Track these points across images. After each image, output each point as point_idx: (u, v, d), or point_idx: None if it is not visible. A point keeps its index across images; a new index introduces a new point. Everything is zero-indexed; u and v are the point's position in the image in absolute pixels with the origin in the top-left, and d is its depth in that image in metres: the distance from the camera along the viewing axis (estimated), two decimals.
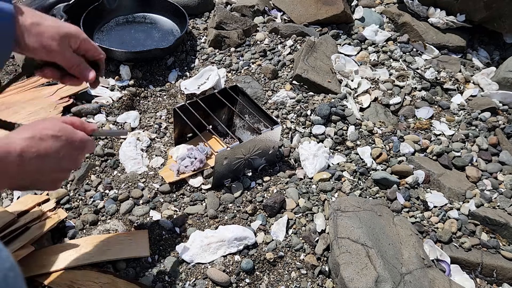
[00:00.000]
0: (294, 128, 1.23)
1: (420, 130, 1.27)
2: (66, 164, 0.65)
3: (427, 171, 1.14)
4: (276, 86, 1.34)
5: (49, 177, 0.64)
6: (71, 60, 0.72)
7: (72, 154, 0.65)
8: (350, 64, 1.43)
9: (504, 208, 1.08)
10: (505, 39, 1.60)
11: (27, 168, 0.59)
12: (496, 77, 1.43)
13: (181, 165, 1.07)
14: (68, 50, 0.71)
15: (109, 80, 1.32)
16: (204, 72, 1.34)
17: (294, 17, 1.60)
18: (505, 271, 0.97)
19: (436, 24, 1.56)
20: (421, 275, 0.88)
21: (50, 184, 0.66)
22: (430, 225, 1.04)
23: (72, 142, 0.64)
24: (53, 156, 0.61)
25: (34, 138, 0.60)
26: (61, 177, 0.67)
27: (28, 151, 0.58)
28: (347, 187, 1.08)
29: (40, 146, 0.60)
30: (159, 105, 1.30)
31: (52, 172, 0.63)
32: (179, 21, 1.53)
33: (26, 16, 0.66)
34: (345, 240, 0.90)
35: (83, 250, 0.89)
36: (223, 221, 0.99)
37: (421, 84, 1.40)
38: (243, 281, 0.89)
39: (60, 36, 0.68)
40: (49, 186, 0.67)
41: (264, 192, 1.06)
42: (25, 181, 0.61)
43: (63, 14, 1.36)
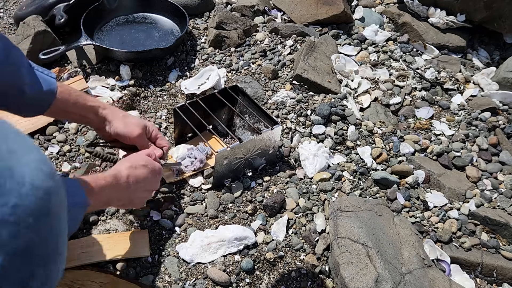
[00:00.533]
0: (294, 128, 1.23)
1: (420, 130, 1.27)
2: (150, 186, 0.86)
3: (427, 171, 1.14)
4: (276, 86, 1.34)
5: (140, 196, 0.85)
6: (146, 143, 0.97)
7: (154, 178, 0.86)
8: (350, 64, 1.43)
9: (504, 208, 1.08)
10: (505, 39, 1.60)
11: (130, 190, 0.79)
12: (496, 77, 1.43)
13: (182, 164, 1.07)
14: (145, 136, 0.96)
15: (109, 80, 1.32)
16: (204, 72, 1.34)
17: (294, 17, 1.60)
18: (505, 271, 0.97)
19: (436, 24, 1.56)
20: (421, 275, 0.88)
21: (140, 202, 0.87)
22: (430, 225, 1.04)
23: (154, 169, 0.86)
24: (143, 180, 0.82)
25: (132, 167, 0.81)
26: (148, 196, 0.88)
27: (131, 176, 0.79)
28: (347, 187, 1.08)
29: (137, 173, 0.81)
30: (159, 105, 1.30)
31: (143, 192, 0.85)
32: (179, 21, 1.53)
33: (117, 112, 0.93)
34: (345, 240, 0.90)
35: (83, 250, 0.89)
36: (223, 221, 0.99)
37: (421, 84, 1.40)
38: (243, 281, 0.89)
39: (142, 126, 0.94)
40: (139, 204, 0.87)
41: (264, 192, 1.06)
42: (126, 200, 0.81)
43: (63, 14, 1.36)
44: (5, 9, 1.67)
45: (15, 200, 0.34)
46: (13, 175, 0.34)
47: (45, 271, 0.37)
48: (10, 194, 0.34)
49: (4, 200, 0.33)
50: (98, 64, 1.38)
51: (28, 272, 0.35)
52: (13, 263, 0.33)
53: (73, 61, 1.38)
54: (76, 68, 1.35)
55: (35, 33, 1.31)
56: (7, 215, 0.33)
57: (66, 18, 1.36)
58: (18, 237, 0.33)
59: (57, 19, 1.36)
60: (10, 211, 0.33)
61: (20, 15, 1.43)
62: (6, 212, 0.33)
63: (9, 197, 0.33)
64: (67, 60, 1.39)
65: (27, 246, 0.34)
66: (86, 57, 1.38)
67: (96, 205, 0.73)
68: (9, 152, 0.35)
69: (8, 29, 1.57)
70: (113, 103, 1.25)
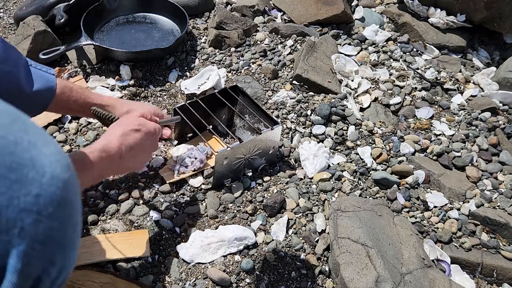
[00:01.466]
0: (294, 128, 1.23)
1: (420, 130, 1.27)
2: (148, 148, 0.84)
3: (427, 171, 1.13)
4: (276, 86, 1.34)
5: (138, 161, 0.83)
6: None
7: (150, 140, 0.83)
8: (350, 64, 1.43)
9: (504, 208, 1.08)
10: (505, 39, 1.60)
11: (124, 158, 0.77)
12: (496, 77, 1.43)
13: (181, 165, 1.07)
14: None
15: (109, 80, 1.32)
16: (204, 72, 1.34)
17: (294, 17, 1.60)
18: (505, 271, 0.97)
19: (436, 24, 1.56)
20: (421, 275, 0.88)
21: (139, 165, 0.86)
22: (430, 225, 1.04)
23: (148, 131, 0.82)
24: (138, 145, 0.80)
25: (123, 135, 0.78)
26: (147, 158, 0.87)
27: (122, 145, 0.76)
28: (347, 187, 1.08)
29: (129, 140, 0.78)
30: (159, 105, 1.30)
31: (140, 156, 0.83)
32: (179, 21, 1.53)
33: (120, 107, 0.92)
34: (345, 240, 0.90)
35: (83, 250, 0.89)
36: (223, 221, 0.99)
37: (421, 84, 1.40)
38: (243, 281, 0.89)
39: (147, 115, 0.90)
40: (139, 167, 0.91)
41: (264, 192, 1.06)
42: (123, 166, 0.80)
43: (63, 14, 1.36)
44: (5, 9, 1.67)
45: (37, 190, 0.35)
46: (35, 165, 0.36)
47: (63, 259, 0.38)
48: (32, 184, 0.35)
49: (27, 190, 0.34)
50: (98, 64, 1.38)
51: (48, 259, 0.37)
52: (35, 250, 0.35)
53: (73, 61, 1.38)
54: (76, 68, 1.35)
55: (35, 33, 1.31)
56: (30, 204, 0.34)
57: (66, 18, 1.35)
58: (39, 225, 0.35)
59: (57, 19, 1.36)
60: (33, 200, 0.34)
61: (20, 15, 1.43)
62: (29, 201, 0.34)
63: (32, 187, 0.35)
64: (67, 60, 1.39)
65: (47, 234, 0.36)
66: (86, 57, 1.38)
67: (88, 179, 0.71)
68: (30, 143, 0.36)
69: (8, 29, 1.56)
70: None
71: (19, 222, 0.34)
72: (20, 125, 0.37)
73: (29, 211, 0.34)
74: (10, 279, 0.34)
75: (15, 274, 0.34)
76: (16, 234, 0.34)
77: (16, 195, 0.34)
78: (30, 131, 0.37)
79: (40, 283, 0.37)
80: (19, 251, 0.34)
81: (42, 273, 0.36)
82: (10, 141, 0.35)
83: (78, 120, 1.20)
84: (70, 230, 0.38)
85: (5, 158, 0.34)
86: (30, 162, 0.35)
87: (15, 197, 0.34)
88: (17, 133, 0.36)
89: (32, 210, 0.34)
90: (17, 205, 0.34)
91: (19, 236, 0.34)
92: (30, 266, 0.35)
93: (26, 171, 0.35)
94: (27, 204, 0.34)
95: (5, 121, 0.36)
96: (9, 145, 0.35)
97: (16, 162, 0.35)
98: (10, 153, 0.34)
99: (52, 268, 0.37)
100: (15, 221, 0.33)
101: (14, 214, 0.33)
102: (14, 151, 0.35)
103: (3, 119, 0.36)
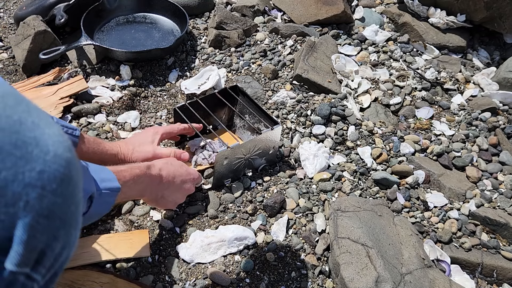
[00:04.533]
0: (294, 128, 1.23)
1: (420, 130, 1.27)
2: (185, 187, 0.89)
3: (427, 171, 1.13)
4: (276, 86, 1.34)
5: (173, 195, 0.87)
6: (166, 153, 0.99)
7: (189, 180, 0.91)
8: (350, 64, 1.43)
9: (504, 208, 1.08)
10: (506, 39, 1.60)
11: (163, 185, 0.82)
12: (497, 77, 1.43)
13: (199, 157, 1.07)
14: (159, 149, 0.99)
15: (109, 80, 1.32)
16: (204, 72, 1.34)
17: (294, 17, 1.60)
18: (505, 271, 0.97)
19: (437, 24, 1.56)
20: (421, 275, 0.88)
21: (172, 202, 0.90)
22: (430, 225, 1.04)
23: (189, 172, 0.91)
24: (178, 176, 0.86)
25: (167, 163, 0.85)
26: (181, 199, 0.92)
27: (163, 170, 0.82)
28: (347, 187, 1.08)
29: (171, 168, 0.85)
30: (159, 105, 1.30)
31: (176, 191, 0.87)
32: (179, 21, 1.53)
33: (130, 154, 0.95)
34: (345, 240, 0.90)
35: (83, 250, 0.89)
36: (223, 221, 0.99)
37: (421, 84, 1.40)
38: (243, 281, 0.89)
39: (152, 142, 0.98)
40: (171, 204, 0.90)
41: (264, 192, 1.06)
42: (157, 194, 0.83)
43: (63, 14, 1.36)
44: (5, 9, 1.67)
45: (41, 167, 0.37)
46: (39, 144, 0.37)
47: (65, 236, 0.40)
48: (36, 161, 0.37)
49: (32, 166, 0.36)
50: (98, 64, 1.38)
51: (52, 234, 0.38)
52: (40, 223, 0.37)
53: (73, 61, 1.38)
54: (76, 68, 1.35)
55: (35, 33, 1.31)
56: (35, 179, 0.36)
57: (66, 18, 1.35)
58: (44, 200, 0.37)
59: (57, 19, 1.36)
60: (37, 176, 0.36)
61: (20, 15, 1.43)
62: (34, 176, 0.36)
63: (36, 163, 0.37)
64: (67, 60, 1.39)
65: (51, 209, 0.38)
66: (86, 57, 1.38)
67: (128, 192, 0.74)
68: (34, 124, 0.38)
69: (8, 29, 1.56)
70: (113, 103, 1.25)
71: (24, 196, 0.36)
72: (24, 107, 0.39)
73: (33, 186, 0.36)
74: (17, 250, 0.35)
75: (21, 245, 0.36)
76: (22, 207, 0.35)
77: (21, 170, 0.36)
78: (33, 113, 0.39)
79: (44, 256, 0.38)
80: (25, 223, 0.36)
81: (46, 247, 0.38)
82: (15, 120, 0.37)
83: (78, 120, 1.20)
84: (72, 207, 0.40)
85: (11, 136, 0.36)
86: (34, 141, 0.37)
87: (20, 172, 0.36)
88: (21, 114, 0.38)
89: (36, 185, 0.36)
90: (22, 180, 0.36)
91: (24, 209, 0.36)
92: (35, 238, 0.37)
93: (31, 149, 0.37)
94: (31, 179, 0.36)
95: (11, 102, 0.38)
96: (15, 124, 0.37)
97: (21, 140, 0.36)
98: (15, 132, 0.36)
99: (55, 243, 0.39)
100: (21, 195, 0.35)
101: (20, 188, 0.35)
102: (19, 130, 0.37)
103: (8, 100, 0.38)
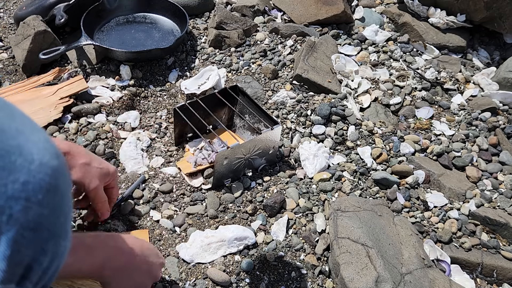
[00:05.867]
0: (294, 128, 1.23)
1: (420, 130, 1.27)
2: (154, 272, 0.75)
3: (427, 171, 1.13)
4: (276, 86, 1.34)
5: (139, 279, 0.71)
6: (101, 196, 0.83)
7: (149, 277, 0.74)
8: (350, 64, 1.43)
9: (504, 208, 1.08)
10: (506, 39, 1.60)
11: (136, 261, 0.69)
12: (497, 77, 1.43)
13: (198, 157, 1.08)
14: (102, 189, 0.83)
15: (109, 80, 1.32)
16: (204, 72, 1.34)
17: (294, 17, 1.60)
18: (505, 271, 0.97)
19: (437, 24, 1.56)
20: (421, 275, 0.88)
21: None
22: (430, 225, 1.04)
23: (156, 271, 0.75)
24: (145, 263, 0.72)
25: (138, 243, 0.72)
26: (146, 286, 0.74)
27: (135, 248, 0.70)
28: (347, 187, 1.08)
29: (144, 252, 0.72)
30: (159, 105, 1.30)
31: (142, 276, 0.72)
32: (179, 21, 1.53)
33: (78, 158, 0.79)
34: (345, 240, 0.90)
35: None
36: (223, 221, 0.99)
37: (421, 84, 1.40)
38: (243, 281, 0.89)
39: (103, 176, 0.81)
40: None
41: (264, 192, 1.06)
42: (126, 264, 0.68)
43: (63, 14, 1.36)
44: (5, 9, 1.67)
45: (25, 177, 0.35)
46: (22, 152, 0.35)
47: (54, 247, 0.38)
48: (20, 171, 0.35)
49: (15, 177, 0.34)
50: (98, 64, 1.38)
51: (40, 246, 0.37)
52: (25, 237, 0.35)
53: (73, 61, 1.38)
54: (76, 68, 1.35)
55: (35, 33, 1.30)
56: (18, 191, 0.34)
57: (66, 18, 1.35)
58: (29, 212, 0.35)
59: (57, 19, 1.36)
60: (21, 187, 0.34)
61: (20, 15, 1.43)
62: (17, 188, 0.34)
63: (20, 173, 0.35)
64: (67, 60, 1.39)
65: (37, 221, 0.36)
66: (86, 57, 1.38)
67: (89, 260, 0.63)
68: (18, 131, 0.36)
69: (8, 29, 1.56)
70: (113, 103, 1.25)
71: (7, 209, 0.34)
72: (7, 112, 0.37)
73: (17, 198, 0.34)
74: (0, 266, 0.34)
75: (4, 261, 0.34)
76: (5, 221, 0.34)
77: (3, 182, 0.34)
78: (17, 119, 0.38)
79: (31, 271, 0.37)
80: (8, 238, 0.34)
81: (33, 261, 0.36)
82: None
83: (78, 120, 1.20)
84: (61, 218, 0.38)
85: None
86: (17, 149, 0.35)
87: (2, 184, 0.34)
88: (4, 120, 0.36)
89: (20, 196, 0.34)
90: (5, 192, 0.34)
91: (8, 223, 0.34)
92: (20, 253, 0.35)
93: (14, 158, 0.35)
94: (15, 191, 0.34)
95: None
96: None
97: (3, 149, 0.35)
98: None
99: (43, 257, 0.37)
100: (3, 208, 0.34)
101: (2, 201, 0.34)
102: (1, 139, 0.35)
103: None
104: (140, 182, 1.05)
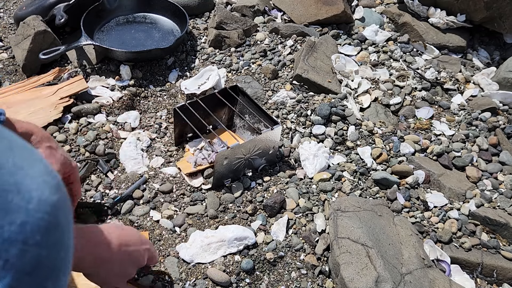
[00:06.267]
0: (294, 128, 1.23)
1: (420, 130, 1.27)
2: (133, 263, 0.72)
3: (427, 171, 1.13)
4: (276, 86, 1.34)
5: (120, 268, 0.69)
6: None
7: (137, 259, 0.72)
8: (350, 64, 1.43)
9: (504, 208, 1.08)
10: (506, 39, 1.60)
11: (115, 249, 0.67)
12: (497, 77, 1.43)
13: (198, 157, 1.08)
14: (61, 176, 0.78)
15: (109, 80, 1.32)
16: (204, 72, 1.34)
17: (294, 17, 1.60)
18: (505, 271, 0.97)
19: (437, 24, 1.56)
20: (421, 275, 0.88)
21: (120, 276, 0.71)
22: (430, 225, 1.04)
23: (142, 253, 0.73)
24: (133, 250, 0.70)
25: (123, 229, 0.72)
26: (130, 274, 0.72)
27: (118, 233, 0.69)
28: (347, 187, 1.08)
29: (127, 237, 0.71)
30: (159, 105, 1.30)
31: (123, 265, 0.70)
32: (179, 21, 1.53)
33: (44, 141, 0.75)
34: (345, 240, 0.90)
35: None
36: (223, 221, 0.99)
37: (421, 84, 1.40)
38: (243, 281, 0.89)
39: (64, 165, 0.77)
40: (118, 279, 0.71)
41: (264, 192, 1.06)
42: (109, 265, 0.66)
43: (63, 14, 1.36)
44: (5, 9, 1.67)
45: (23, 218, 0.33)
46: (20, 190, 0.33)
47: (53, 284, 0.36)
48: (17, 211, 0.32)
49: (12, 218, 0.32)
50: (98, 64, 1.38)
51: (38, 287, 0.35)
52: (22, 281, 0.33)
53: (73, 61, 1.38)
54: (76, 68, 1.35)
55: (35, 33, 1.31)
56: (15, 233, 0.32)
57: (66, 18, 1.35)
58: (26, 256, 0.33)
59: (57, 19, 1.36)
60: (18, 229, 0.32)
61: (20, 15, 1.43)
62: (14, 230, 0.32)
63: (17, 214, 0.32)
64: (67, 60, 1.39)
65: (35, 263, 0.33)
66: (86, 57, 1.38)
67: None
68: (15, 166, 0.34)
69: (8, 29, 1.57)
70: (113, 103, 1.25)
71: (3, 253, 0.31)
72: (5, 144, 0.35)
73: (13, 241, 0.32)
74: None
75: None
76: (1, 266, 0.31)
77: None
78: (16, 151, 0.35)
79: None
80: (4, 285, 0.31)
81: None
82: None
83: (78, 120, 1.20)
84: (62, 253, 0.36)
85: None
86: (14, 187, 0.33)
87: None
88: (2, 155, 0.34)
89: (17, 239, 0.32)
90: (1, 235, 0.31)
91: (3, 268, 0.31)
92: None
93: (11, 197, 0.32)
94: (11, 233, 0.32)
95: None
96: None
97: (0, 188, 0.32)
98: None
99: None
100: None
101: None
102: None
103: None
104: (141, 183, 1.05)
